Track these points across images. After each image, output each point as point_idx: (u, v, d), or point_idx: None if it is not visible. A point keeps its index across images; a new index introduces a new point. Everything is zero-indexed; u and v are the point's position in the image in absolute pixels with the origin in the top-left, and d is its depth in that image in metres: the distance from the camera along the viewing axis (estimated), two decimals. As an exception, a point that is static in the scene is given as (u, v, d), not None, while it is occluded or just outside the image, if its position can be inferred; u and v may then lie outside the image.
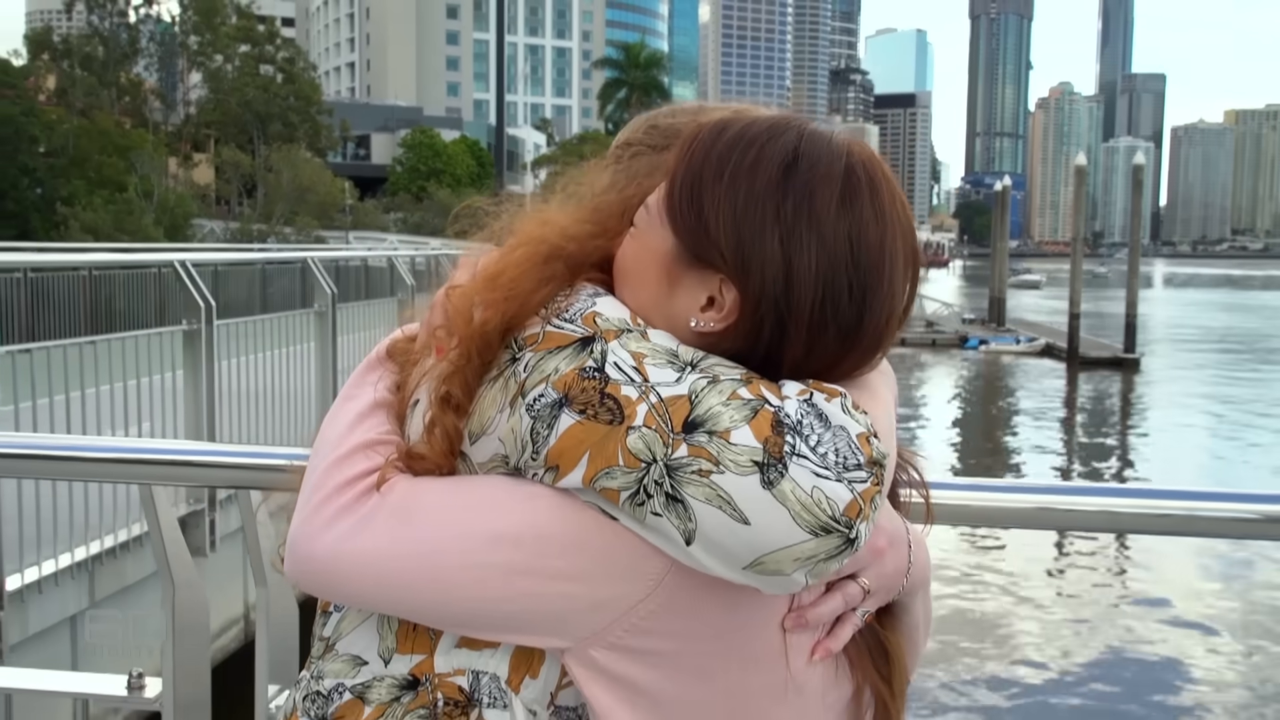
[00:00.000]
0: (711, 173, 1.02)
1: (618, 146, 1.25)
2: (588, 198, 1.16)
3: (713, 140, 1.04)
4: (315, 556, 1.02)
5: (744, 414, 0.91)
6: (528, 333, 1.01)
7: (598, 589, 0.97)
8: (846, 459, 0.91)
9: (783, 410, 0.92)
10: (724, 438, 0.90)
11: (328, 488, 1.04)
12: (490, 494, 1.00)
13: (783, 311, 0.97)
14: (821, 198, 0.98)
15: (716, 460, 0.89)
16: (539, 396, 0.96)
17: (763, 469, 0.89)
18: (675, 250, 1.03)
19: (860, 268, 0.98)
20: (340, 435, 1.08)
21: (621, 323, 1.00)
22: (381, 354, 1.17)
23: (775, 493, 0.89)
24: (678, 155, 1.05)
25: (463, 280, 1.09)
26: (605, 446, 0.92)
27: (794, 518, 0.89)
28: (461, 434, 1.02)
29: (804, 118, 1.06)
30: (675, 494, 0.90)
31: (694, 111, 1.22)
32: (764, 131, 1.03)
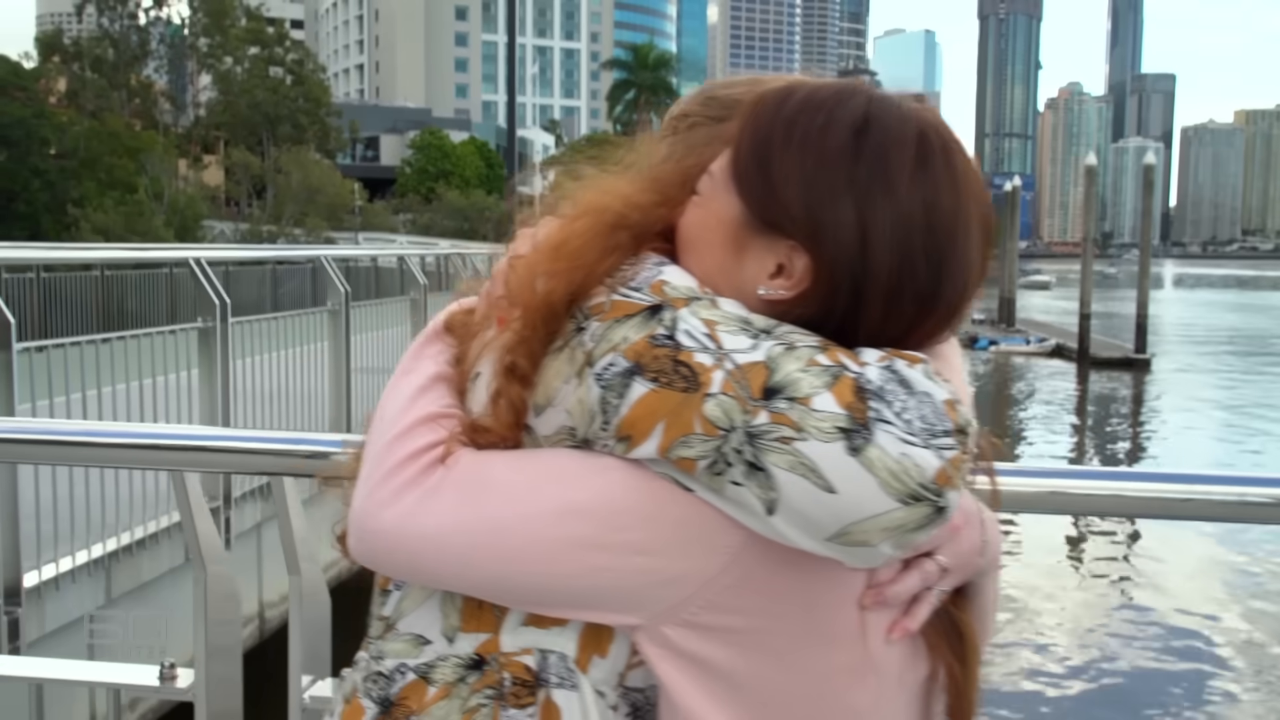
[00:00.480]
0: (779, 138, 1.00)
1: (673, 118, 1.24)
2: (645, 169, 1.14)
3: (778, 105, 1.02)
4: (381, 531, 1.00)
5: (824, 380, 0.89)
6: (593, 302, 0.99)
7: (672, 563, 0.95)
8: (934, 425, 0.89)
9: (864, 376, 0.90)
10: (805, 404, 0.88)
11: (391, 462, 1.01)
12: (559, 466, 0.98)
13: (859, 278, 0.96)
14: (895, 162, 0.97)
15: (799, 427, 0.87)
16: (608, 365, 0.94)
17: (848, 435, 0.87)
18: (742, 217, 1.01)
19: (936, 233, 0.96)
20: (401, 409, 1.05)
21: (689, 291, 0.98)
22: (439, 327, 1.15)
23: (862, 459, 0.87)
24: (742, 121, 1.04)
25: (524, 251, 1.07)
26: (681, 415, 0.90)
27: (882, 485, 0.87)
28: (527, 405, 1.00)
29: (868, 84, 1.05)
30: (757, 462, 0.89)
31: (750, 82, 1.20)
32: (831, 96, 1.01)
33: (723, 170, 1.04)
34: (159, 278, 12.68)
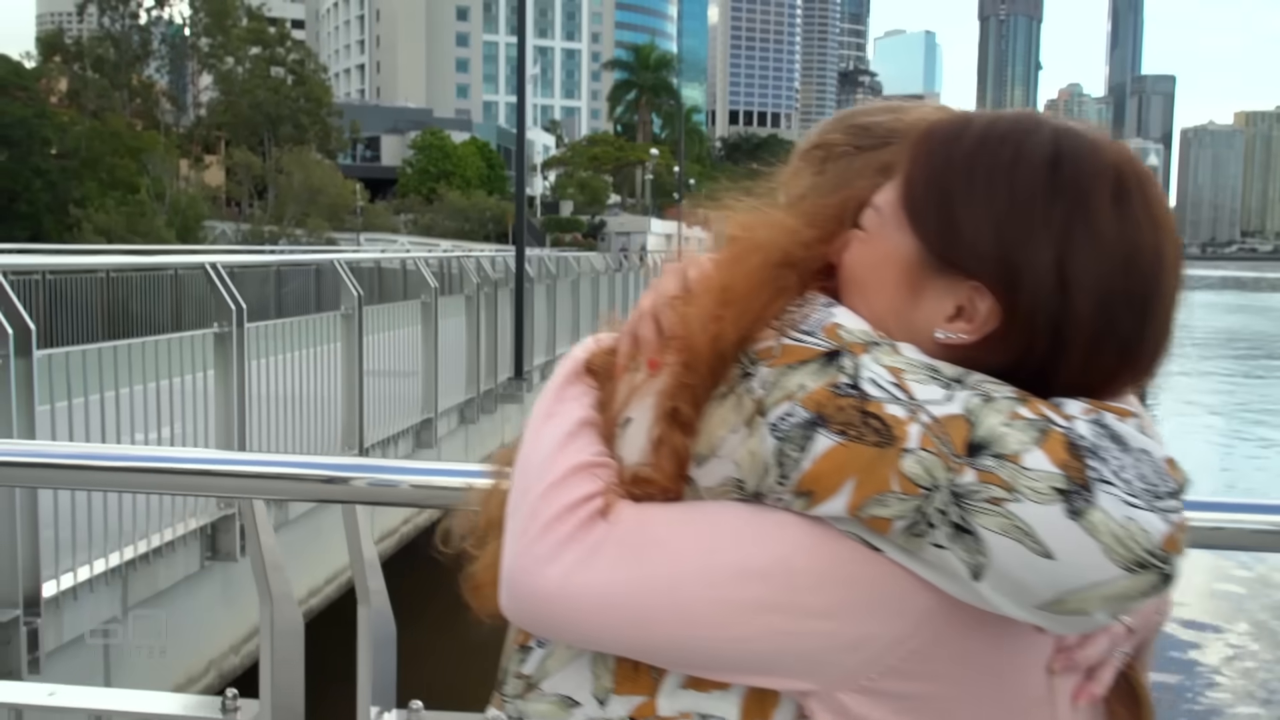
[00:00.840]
0: (962, 173, 0.94)
1: (812, 148, 1.18)
2: (799, 203, 1.09)
3: (954, 137, 0.96)
4: (542, 592, 0.93)
5: (1032, 435, 0.83)
6: (761, 346, 0.93)
7: (854, 627, 0.88)
8: (1156, 486, 0.82)
9: (1074, 431, 0.83)
10: (1015, 461, 0.82)
11: (546, 515, 0.95)
12: (731, 522, 0.91)
13: (1060, 324, 0.89)
14: (1095, 198, 0.90)
15: (1011, 486, 0.81)
16: (785, 415, 0.87)
17: (1066, 496, 0.80)
18: (919, 256, 0.95)
19: (1139, 274, 0.90)
20: (549, 457, 0.99)
21: (866, 334, 0.92)
22: (578, 367, 1.09)
23: (1083, 523, 0.80)
24: (914, 153, 0.98)
25: (673, 289, 1.02)
26: (875, 471, 0.84)
27: (1106, 552, 0.80)
28: (690, 454, 0.94)
29: (1046, 115, 0.98)
30: (964, 524, 0.82)
31: (892, 110, 1.15)
32: (1014, 128, 0.95)
33: (892, 205, 0.98)
34: (164, 280, 12.63)
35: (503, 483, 1.11)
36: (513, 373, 13.01)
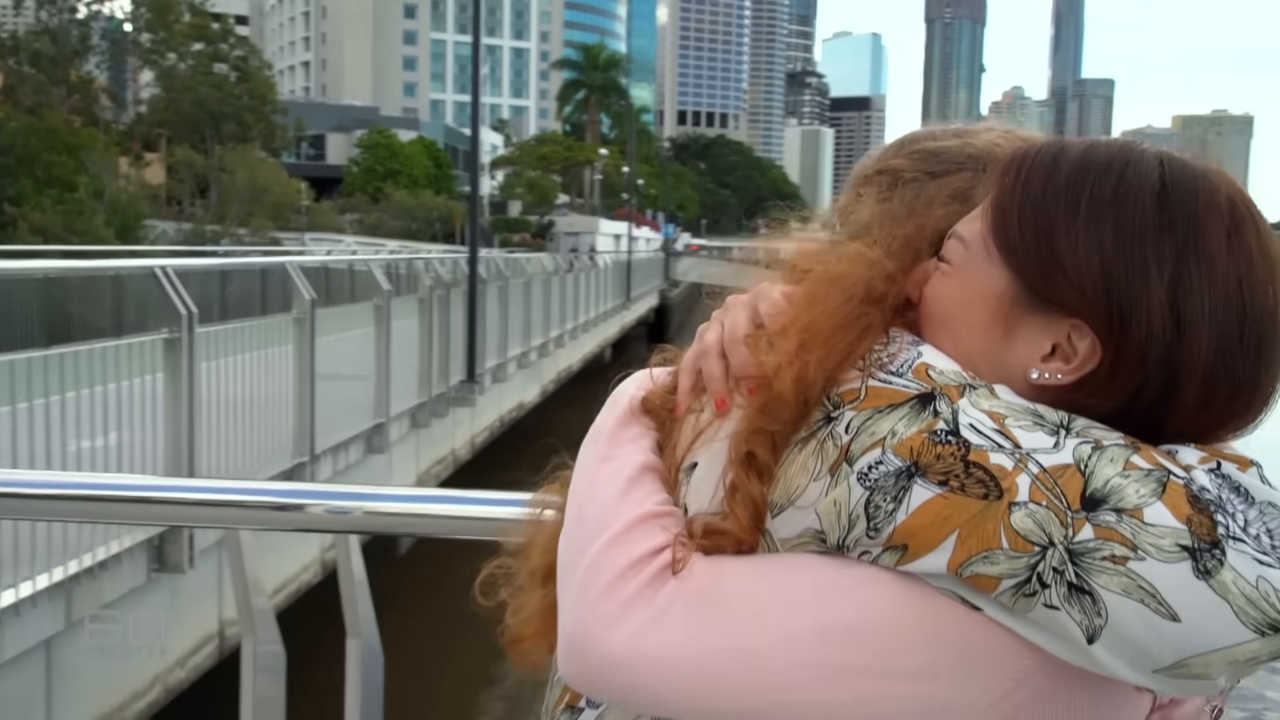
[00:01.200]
0: (1062, 204, 0.88)
1: (876, 173, 1.11)
2: (877, 232, 1.01)
3: (1051, 164, 0.90)
4: (609, 656, 0.86)
5: (1151, 487, 0.77)
6: (846, 388, 0.86)
7: (948, 690, 0.82)
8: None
9: (1195, 483, 0.78)
10: (1137, 516, 0.76)
11: (611, 572, 0.88)
12: (814, 578, 0.85)
13: (1174, 366, 0.83)
14: (1209, 232, 0.85)
15: (1133, 544, 0.75)
16: (875, 464, 0.82)
17: (1194, 555, 0.75)
18: (1014, 291, 0.89)
19: (1253, 314, 0.84)
20: (610, 506, 0.92)
21: (959, 376, 0.86)
22: (635, 407, 1.02)
23: (1214, 584, 0.75)
24: (1004, 181, 0.92)
25: (744, 324, 0.95)
26: (982, 526, 0.78)
27: (1237, 614, 0.75)
28: (768, 503, 0.87)
29: (1144, 142, 0.93)
30: (1081, 584, 0.76)
31: (960, 134, 1.09)
32: (1116, 156, 0.89)
33: (980, 237, 0.92)
34: (103, 281, 12.33)
35: (544, 526, 1.07)
36: (465, 375, 12.88)
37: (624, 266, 34.94)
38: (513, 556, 1.11)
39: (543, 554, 1.04)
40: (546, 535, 1.05)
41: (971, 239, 0.93)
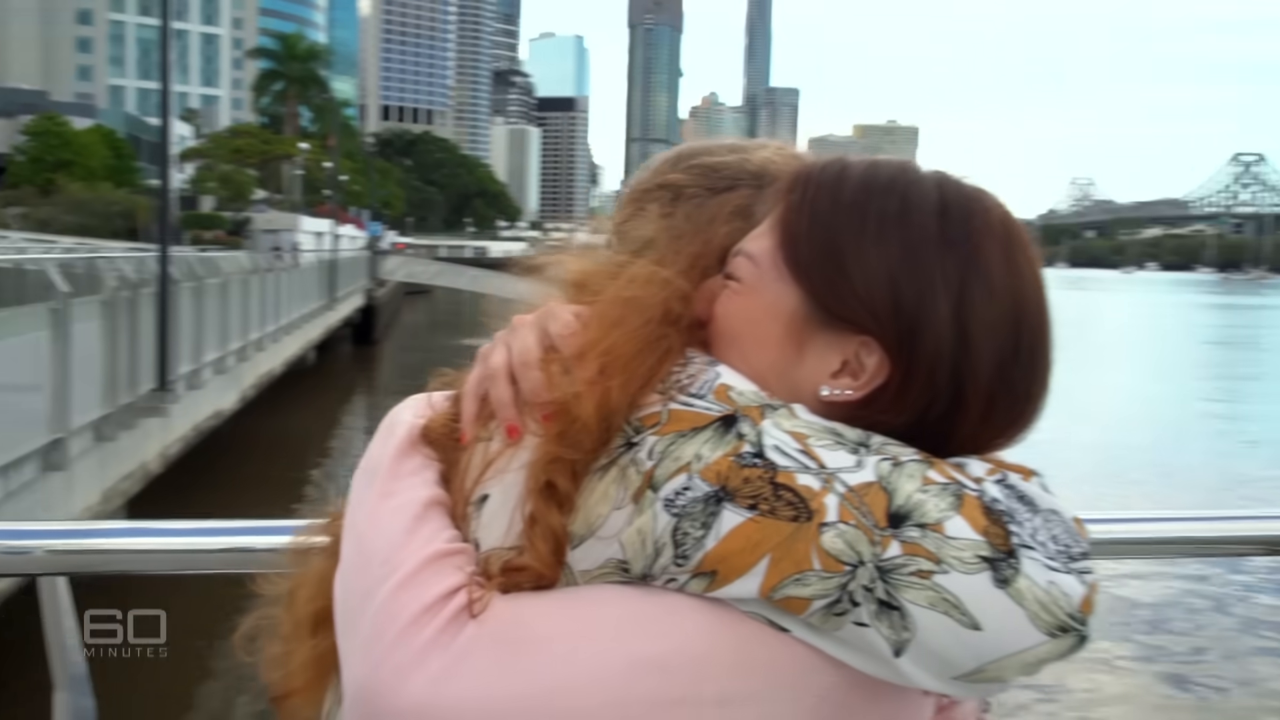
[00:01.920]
0: (849, 223, 0.89)
1: (655, 188, 1.09)
2: (664, 249, 1.00)
3: (836, 183, 0.92)
4: (407, 708, 0.80)
5: (949, 501, 0.79)
6: (646, 412, 0.85)
7: (754, 714, 0.81)
8: (1069, 547, 0.80)
9: (986, 494, 0.80)
10: (938, 530, 0.77)
11: (403, 617, 0.82)
12: (620, 611, 0.82)
13: (962, 379, 0.86)
14: (988, 251, 0.88)
15: (938, 558, 0.77)
16: (681, 489, 0.80)
17: (993, 565, 0.77)
18: (805, 309, 0.90)
19: (1027, 328, 0.88)
20: (396, 545, 0.87)
21: (758, 396, 0.86)
22: (414, 436, 0.97)
23: (1010, 591, 0.77)
24: (791, 200, 0.93)
25: (533, 344, 0.92)
26: (794, 548, 0.78)
27: (1032, 619, 0.77)
28: (568, 535, 0.84)
29: (916, 163, 0.97)
30: (891, 600, 0.77)
31: (736, 150, 1.09)
32: (898, 176, 0.92)
33: (769, 255, 0.92)
34: None
35: (310, 569, 1.01)
36: (156, 383, 12.08)
37: (328, 266, 33.82)
38: (273, 603, 1.05)
39: (310, 600, 0.98)
40: (314, 579, 1.00)
41: (761, 257, 0.93)
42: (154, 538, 1.46)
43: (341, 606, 0.89)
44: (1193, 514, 1.64)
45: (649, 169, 1.13)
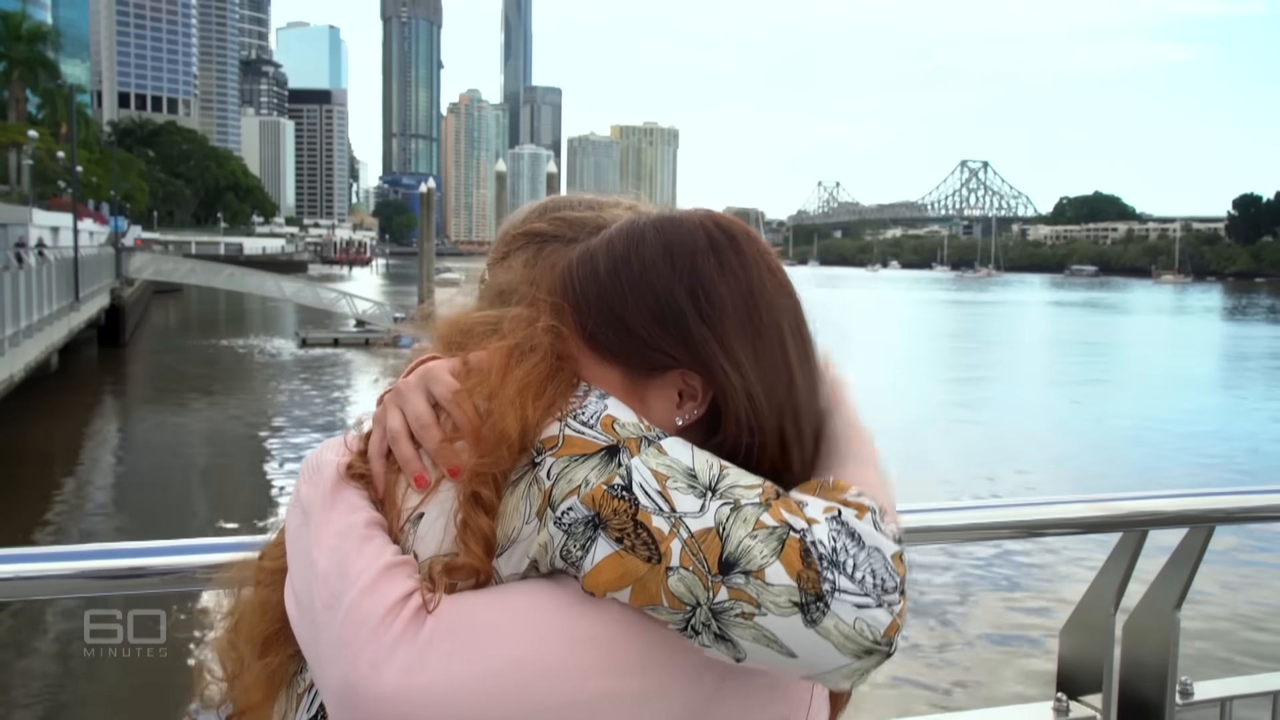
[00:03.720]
0: (615, 298, 1.08)
1: (522, 235, 1.31)
2: (495, 291, 1.23)
3: (592, 276, 1.11)
4: (384, 695, 0.93)
5: (772, 546, 0.92)
6: (546, 434, 1.01)
7: (665, 678, 0.99)
8: (884, 581, 0.94)
9: (811, 536, 0.94)
10: (760, 577, 0.91)
11: (371, 620, 0.96)
12: (547, 598, 0.99)
13: (742, 371, 1.05)
14: (701, 264, 1.08)
15: (757, 603, 0.91)
16: (569, 510, 0.97)
17: (804, 609, 0.91)
18: (627, 377, 1.08)
19: (760, 309, 1.08)
20: (350, 562, 1.01)
21: (637, 429, 1.01)
22: (342, 473, 1.11)
23: (819, 630, 0.92)
24: (574, 302, 1.10)
25: (423, 408, 1.09)
26: (647, 586, 0.94)
27: (838, 648, 0.93)
28: (495, 536, 1.01)
29: (638, 215, 1.16)
30: (723, 634, 0.93)
31: (591, 205, 1.31)
32: (629, 242, 1.11)
33: (579, 349, 1.10)
34: None
35: (244, 600, 1.18)
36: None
37: (69, 264, 31.71)
38: (217, 632, 1.20)
39: (256, 625, 1.14)
40: (257, 607, 1.16)
41: (576, 354, 1.10)
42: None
43: (305, 623, 1.03)
44: (963, 504, 2.03)
45: (520, 216, 1.35)
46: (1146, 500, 2.11)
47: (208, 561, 1.51)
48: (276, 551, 1.16)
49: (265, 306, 57.68)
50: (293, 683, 1.12)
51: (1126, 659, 2.18)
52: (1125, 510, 2.09)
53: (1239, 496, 2.22)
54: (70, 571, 1.53)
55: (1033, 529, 2.12)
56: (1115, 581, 2.12)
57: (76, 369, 30.29)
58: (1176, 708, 2.14)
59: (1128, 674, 2.17)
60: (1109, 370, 39.17)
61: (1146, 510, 2.10)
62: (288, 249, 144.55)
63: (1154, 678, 2.15)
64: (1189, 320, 78.14)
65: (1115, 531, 2.11)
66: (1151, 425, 24.96)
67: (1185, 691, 2.16)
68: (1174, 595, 2.14)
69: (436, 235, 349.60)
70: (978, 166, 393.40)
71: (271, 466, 19.17)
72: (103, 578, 1.54)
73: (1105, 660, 2.12)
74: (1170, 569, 2.17)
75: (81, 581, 1.54)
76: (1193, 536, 2.15)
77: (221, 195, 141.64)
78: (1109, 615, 2.11)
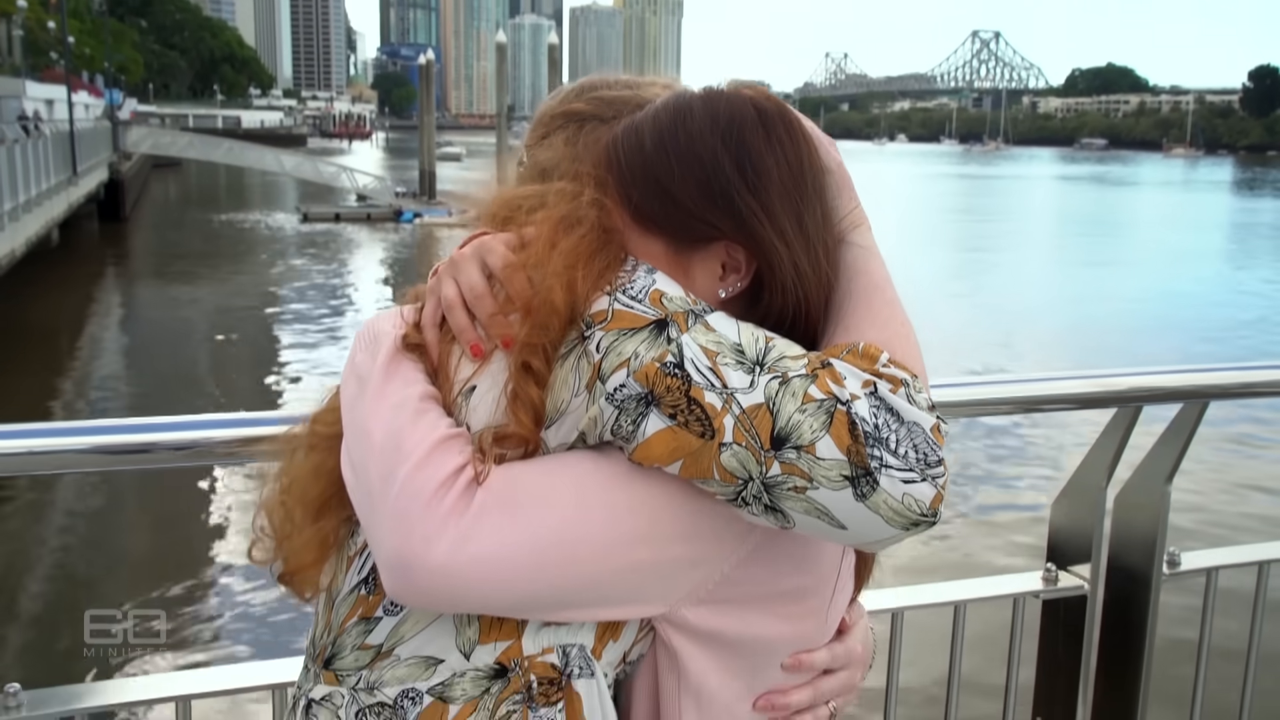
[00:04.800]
0: (660, 170, 1.08)
1: (560, 115, 1.29)
2: (534, 172, 1.23)
3: (638, 147, 1.11)
4: (436, 568, 0.97)
5: (821, 420, 0.94)
6: (595, 309, 1.02)
7: (707, 547, 1.02)
8: (927, 455, 0.95)
9: (855, 412, 0.94)
10: (811, 452, 0.93)
11: (425, 493, 0.98)
12: (593, 469, 1.01)
13: (790, 244, 1.07)
14: (750, 138, 1.08)
15: (810, 477, 0.93)
16: (620, 387, 0.98)
17: (854, 483, 0.93)
18: (670, 249, 1.09)
19: (809, 178, 1.11)
20: (404, 435, 1.03)
21: (684, 303, 1.02)
22: (399, 345, 1.12)
23: (869, 504, 0.94)
24: (619, 173, 1.11)
25: (476, 278, 1.10)
26: (699, 460, 0.96)
27: (887, 521, 0.95)
28: (545, 406, 1.02)
29: (687, 90, 1.17)
30: (775, 505, 0.96)
31: (629, 85, 1.30)
32: (675, 114, 1.11)
33: (625, 221, 1.10)
34: None
35: (295, 464, 1.18)
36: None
37: (65, 137, 31.30)
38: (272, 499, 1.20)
39: (308, 489, 1.15)
40: (309, 472, 1.16)
41: (622, 225, 1.10)
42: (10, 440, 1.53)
43: (361, 492, 1.05)
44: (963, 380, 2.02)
45: (557, 97, 1.33)
46: (1142, 376, 2.12)
47: (218, 437, 1.54)
48: (331, 417, 1.17)
49: (265, 181, 57.09)
50: (344, 546, 1.14)
51: (1116, 530, 2.23)
52: (1120, 386, 2.10)
53: (1233, 372, 2.23)
54: (84, 446, 1.54)
55: (1029, 405, 2.13)
56: (1108, 456, 2.14)
57: (78, 244, 30.18)
58: (1163, 577, 2.19)
59: (1117, 545, 2.22)
60: (1112, 249, 38.89)
61: (1141, 386, 2.11)
62: (286, 122, 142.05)
63: (1142, 548, 2.20)
64: (1194, 195, 77.33)
65: (1110, 407, 2.13)
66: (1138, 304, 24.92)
67: (1172, 561, 2.21)
68: (1166, 468, 2.17)
69: (436, 108, 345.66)
70: (989, 37, 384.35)
71: (281, 338, 19.39)
72: (115, 453, 1.56)
73: (1095, 531, 2.17)
74: (1164, 442, 2.20)
75: (94, 457, 1.55)
76: (1187, 411, 2.18)
77: (217, 67, 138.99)
78: (1100, 488, 2.15)
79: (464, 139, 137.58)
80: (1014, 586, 2.16)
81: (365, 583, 1.10)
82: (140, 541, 9.49)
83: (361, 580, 1.10)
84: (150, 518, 9.98)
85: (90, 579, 8.65)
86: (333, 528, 1.14)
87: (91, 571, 8.86)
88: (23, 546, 9.35)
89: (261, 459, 1.29)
